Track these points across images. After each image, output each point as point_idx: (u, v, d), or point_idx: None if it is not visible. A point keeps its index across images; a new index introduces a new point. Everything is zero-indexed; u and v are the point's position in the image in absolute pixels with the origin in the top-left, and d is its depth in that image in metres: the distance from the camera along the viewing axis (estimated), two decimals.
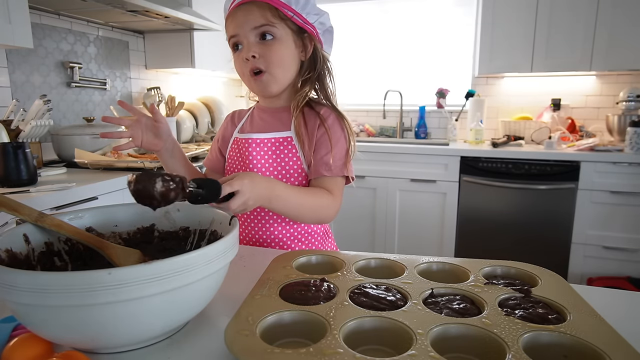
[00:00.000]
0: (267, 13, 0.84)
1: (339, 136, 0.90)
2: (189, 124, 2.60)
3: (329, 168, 0.87)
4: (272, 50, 0.85)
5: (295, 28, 0.88)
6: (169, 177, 0.56)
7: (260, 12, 0.84)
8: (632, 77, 2.72)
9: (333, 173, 0.88)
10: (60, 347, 0.49)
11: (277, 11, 0.84)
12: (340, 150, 0.89)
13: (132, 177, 0.55)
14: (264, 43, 0.85)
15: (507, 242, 2.52)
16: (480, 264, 0.67)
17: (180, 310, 0.49)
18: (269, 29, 0.85)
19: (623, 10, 2.41)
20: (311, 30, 0.89)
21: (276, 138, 0.91)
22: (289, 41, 0.87)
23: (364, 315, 0.51)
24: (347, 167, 0.90)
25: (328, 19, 0.92)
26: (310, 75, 0.91)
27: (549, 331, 0.48)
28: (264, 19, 0.84)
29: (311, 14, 0.88)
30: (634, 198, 2.30)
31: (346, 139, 0.91)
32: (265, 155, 0.91)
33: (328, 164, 0.87)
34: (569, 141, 2.60)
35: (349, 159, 0.91)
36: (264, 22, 0.84)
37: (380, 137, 3.23)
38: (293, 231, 0.93)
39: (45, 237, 0.59)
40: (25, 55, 1.80)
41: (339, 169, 0.88)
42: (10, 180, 1.34)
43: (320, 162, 0.88)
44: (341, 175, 0.89)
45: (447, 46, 3.08)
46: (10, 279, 0.41)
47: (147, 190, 0.54)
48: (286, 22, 0.86)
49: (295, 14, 0.86)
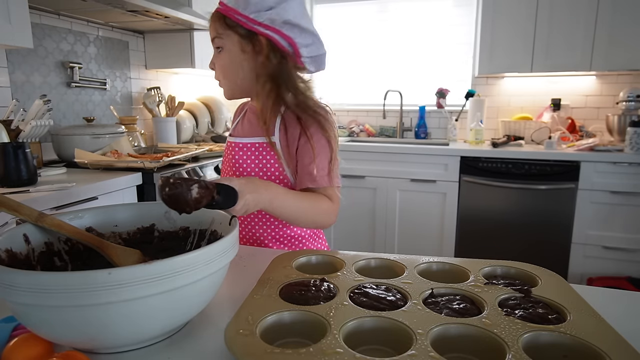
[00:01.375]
0: (217, 24, 0.86)
1: (322, 145, 0.87)
2: (189, 124, 2.60)
3: (313, 179, 0.85)
4: (220, 62, 0.88)
5: (245, 32, 0.84)
6: (204, 183, 0.56)
7: (213, 25, 0.86)
8: (632, 77, 2.72)
9: (317, 184, 0.85)
10: (60, 347, 0.49)
11: (225, 19, 0.84)
12: (323, 160, 0.86)
13: (165, 180, 0.54)
14: (217, 55, 0.89)
15: (507, 242, 2.52)
16: (480, 264, 0.67)
17: (180, 310, 0.49)
18: (217, 42, 0.87)
19: (623, 10, 2.41)
20: (260, 30, 0.82)
21: (260, 143, 0.91)
22: (234, 49, 0.86)
23: (364, 315, 0.51)
24: (331, 176, 0.87)
25: (287, 11, 0.82)
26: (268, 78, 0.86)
27: (549, 331, 0.48)
28: (215, 31, 0.87)
29: (261, 12, 0.81)
30: (634, 198, 2.30)
31: (330, 147, 0.87)
32: (247, 159, 0.92)
33: (312, 175, 0.85)
34: (569, 141, 2.60)
35: (333, 167, 0.88)
36: (214, 35, 0.87)
37: (380, 137, 3.23)
38: (280, 232, 0.94)
39: (45, 237, 0.59)
40: (25, 55, 1.80)
41: (323, 179, 0.86)
42: (10, 180, 1.34)
43: (304, 173, 0.86)
44: (326, 186, 0.86)
45: (447, 46, 3.08)
46: (10, 279, 0.41)
47: (182, 197, 0.54)
48: (235, 29, 0.84)
49: (242, 17, 0.82)
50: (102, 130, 1.84)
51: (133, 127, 2.19)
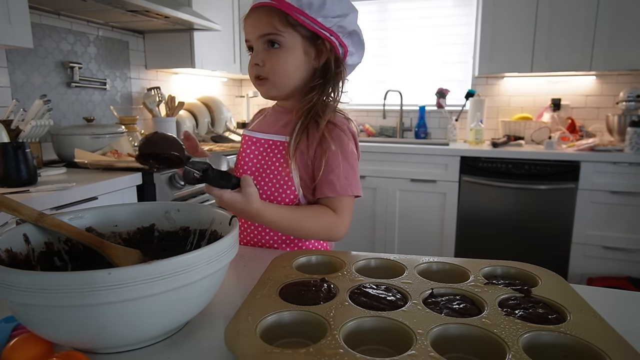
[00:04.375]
0: (274, 20, 0.80)
1: (345, 154, 0.85)
2: (189, 124, 2.61)
3: (333, 188, 0.84)
4: (276, 59, 0.83)
5: (308, 34, 0.83)
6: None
7: (268, 19, 0.81)
8: (632, 77, 2.72)
9: (338, 193, 0.84)
10: (60, 347, 0.49)
11: (287, 17, 0.80)
12: (346, 169, 0.85)
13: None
14: (270, 51, 0.83)
15: (507, 242, 2.52)
16: (480, 264, 0.67)
17: (180, 310, 0.49)
18: (275, 38, 0.82)
19: (623, 10, 2.41)
20: (326, 35, 0.83)
21: (266, 140, 0.90)
22: (296, 49, 0.83)
23: (364, 315, 0.51)
24: (355, 185, 0.86)
25: (352, 21, 0.85)
26: (319, 82, 0.86)
27: (549, 331, 0.48)
28: (271, 27, 0.81)
29: (329, 17, 0.82)
30: (634, 198, 2.30)
31: (353, 156, 0.87)
32: (251, 154, 0.91)
33: (332, 183, 0.84)
34: (569, 141, 2.60)
35: (355, 177, 0.87)
36: (270, 31, 0.81)
37: (380, 137, 3.23)
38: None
39: (45, 237, 0.59)
40: (25, 55, 1.80)
41: (344, 188, 0.84)
42: (10, 180, 1.34)
43: (324, 182, 0.84)
44: (345, 195, 0.85)
45: (447, 46, 3.08)
46: (10, 279, 0.41)
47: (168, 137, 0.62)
48: (296, 28, 0.82)
49: (308, 19, 0.80)
50: (102, 130, 1.84)
51: (133, 127, 2.19)
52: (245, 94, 3.44)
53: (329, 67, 0.85)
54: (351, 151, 0.87)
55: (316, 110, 0.86)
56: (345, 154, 0.85)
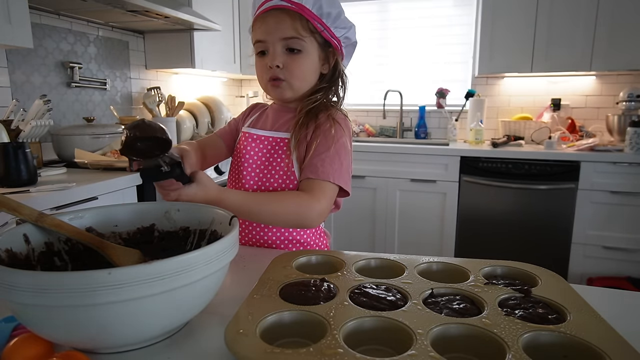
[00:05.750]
0: (298, 25, 0.83)
1: (336, 144, 0.86)
2: (189, 124, 2.60)
3: (315, 171, 0.83)
4: (297, 63, 0.85)
5: (322, 41, 0.87)
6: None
7: (292, 23, 0.82)
8: (632, 77, 2.72)
9: (318, 176, 0.83)
10: (60, 347, 0.49)
11: (308, 23, 0.83)
12: (333, 157, 0.85)
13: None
14: (290, 55, 0.85)
15: (507, 242, 2.52)
16: (480, 264, 0.67)
17: (180, 310, 0.49)
18: (297, 42, 0.84)
19: (623, 10, 2.41)
20: (336, 44, 0.89)
21: (274, 137, 0.91)
22: (314, 55, 0.87)
23: (364, 315, 0.51)
24: (338, 174, 0.84)
25: (354, 34, 0.92)
26: (325, 86, 0.91)
27: (549, 331, 0.48)
28: (295, 31, 0.83)
29: (339, 28, 0.88)
30: (634, 198, 2.30)
31: (344, 148, 0.87)
32: (259, 152, 0.91)
33: (315, 167, 0.84)
34: (569, 141, 2.60)
35: (344, 168, 0.86)
36: (294, 35, 0.83)
37: (380, 137, 3.23)
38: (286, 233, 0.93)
39: (45, 237, 0.59)
40: (25, 55, 1.80)
41: (326, 173, 0.83)
42: (10, 180, 1.34)
43: (308, 164, 0.85)
44: (326, 180, 0.83)
45: (447, 46, 3.08)
46: (10, 279, 0.41)
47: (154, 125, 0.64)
48: (314, 36, 0.85)
49: (325, 28, 0.85)
50: (102, 130, 1.84)
51: None
52: (245, 94, 3.44)
53: (334, 73, 0.92)
54: (343, 143, 0.88)
55: (318, 108, 0.89)
56: (336, 145, 0.86)
